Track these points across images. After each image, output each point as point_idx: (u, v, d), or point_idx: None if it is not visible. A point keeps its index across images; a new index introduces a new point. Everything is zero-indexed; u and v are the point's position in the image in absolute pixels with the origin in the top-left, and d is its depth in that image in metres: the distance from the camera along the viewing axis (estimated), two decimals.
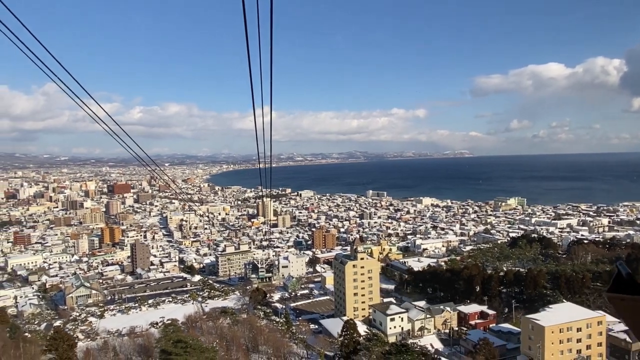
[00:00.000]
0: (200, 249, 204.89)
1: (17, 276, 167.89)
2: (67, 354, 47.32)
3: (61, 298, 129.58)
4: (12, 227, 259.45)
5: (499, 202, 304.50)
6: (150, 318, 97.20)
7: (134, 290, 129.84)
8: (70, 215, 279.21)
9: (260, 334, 73.05)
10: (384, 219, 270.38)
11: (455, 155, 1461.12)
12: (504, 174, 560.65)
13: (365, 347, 43.25)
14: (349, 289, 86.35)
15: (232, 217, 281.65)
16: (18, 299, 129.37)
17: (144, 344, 67.73)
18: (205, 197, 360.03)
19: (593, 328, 60.22)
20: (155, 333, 75.72)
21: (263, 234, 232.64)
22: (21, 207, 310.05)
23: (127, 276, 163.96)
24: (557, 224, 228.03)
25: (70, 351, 48.96)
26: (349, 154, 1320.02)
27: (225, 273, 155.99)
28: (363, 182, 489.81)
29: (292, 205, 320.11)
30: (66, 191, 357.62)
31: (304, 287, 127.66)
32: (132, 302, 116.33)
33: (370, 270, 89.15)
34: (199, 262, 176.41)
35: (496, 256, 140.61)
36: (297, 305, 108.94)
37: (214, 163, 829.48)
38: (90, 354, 64.14)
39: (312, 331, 80.00)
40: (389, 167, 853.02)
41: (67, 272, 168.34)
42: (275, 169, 17.95)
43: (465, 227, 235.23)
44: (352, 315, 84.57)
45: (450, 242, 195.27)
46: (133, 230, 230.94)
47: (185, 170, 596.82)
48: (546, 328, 57.54)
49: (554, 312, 62.51)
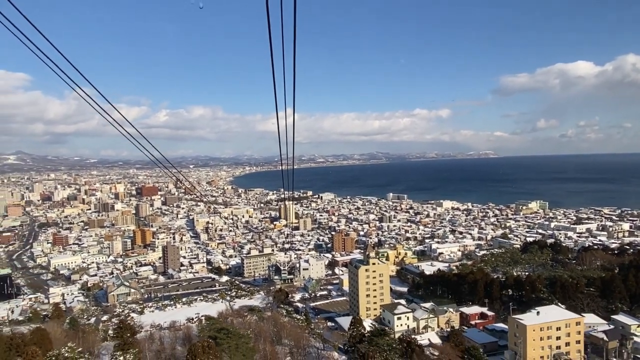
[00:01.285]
0: (225, 250, 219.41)
1: (60, 275, 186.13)
2: (129, 340, 60.69)
3: (103, 295, 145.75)
4: (50, 228, 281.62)
5: (520, 205, 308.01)
6: (186, 314, 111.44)
7: (168, 290, 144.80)
8: (103, 217, 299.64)
9: (283, 329, 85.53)
10: (404, 222, 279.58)
11: (480, 156, 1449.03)
12: (529, 176, 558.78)
13: (368, 339, 54.18)
14: (362, 291, 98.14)
15: (255, 219, 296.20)
16: (65, 296, 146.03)
17: (184, 336, 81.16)
18: (229, 200, 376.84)
19: (572, 328, 69.95)
20: (193, 327, 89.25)
21: (285, 236, 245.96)
22: (56, 209, 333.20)
23: (159, 276, 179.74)
24: (575, 228, 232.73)
25: (132, 338, 62.38)
26: (370, 155, 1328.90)
27: (250, 274, 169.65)
28: (383, 184, 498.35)
29: (313, 208, 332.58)
30: (97, 193, 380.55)
31: (323, 289, 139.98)
32: (167, 300, 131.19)
33: (381, 274, 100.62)
34: (225, 263, 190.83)
35: (507, 261, 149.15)
36: (316, 305, 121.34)
37: (237, 165, 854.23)
38: (140, 343, 77.83)
39: (328, 327, 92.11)
40: (411, 169, 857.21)
41: (105, 271, 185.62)
42: (296, 171, 22.01)
43: (483, 232, 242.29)
44: (364, 315, 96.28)
45: (466, 246, 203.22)
46: (162, 232, 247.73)
47: (209, 172, 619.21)
48: (528, 327, 67.68)
49: (537, 314, 72.54)
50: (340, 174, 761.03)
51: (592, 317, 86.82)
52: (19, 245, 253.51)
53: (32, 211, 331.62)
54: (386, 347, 41.82)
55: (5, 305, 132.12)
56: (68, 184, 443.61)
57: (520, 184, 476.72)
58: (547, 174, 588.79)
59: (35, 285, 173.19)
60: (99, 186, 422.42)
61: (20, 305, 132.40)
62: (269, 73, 8.60)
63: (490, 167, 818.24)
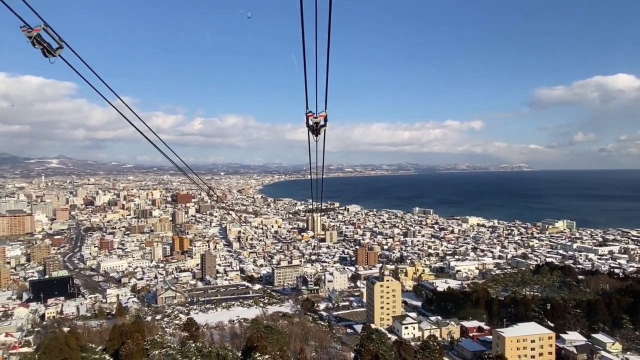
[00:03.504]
0: (257, 259, 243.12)
1: (110, 277, 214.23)
2: (197, 333, 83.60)
3: (152, 298, 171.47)
4: (95, 233, 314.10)
5: (547, 224, 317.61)
6: (226, 317, 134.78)
7: (207, 295, 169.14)
8: (142, 223, 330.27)
9: (309, 332, 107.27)
10: (428, 237, 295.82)
11: (513, 169, 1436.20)
12: (562, 192, 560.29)
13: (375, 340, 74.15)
14: (377, 304, 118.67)
15: (284, 230, 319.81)
16: (120, 297, 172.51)
17: (231, 333, 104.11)
18: (259, 209, 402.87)
19: (544, 341, 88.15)
20: (236, 327, 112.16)
21: (312, 248, 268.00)
22: (99, 214, 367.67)
23: (197, 282, 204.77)
24: (598, 250, 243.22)
25: (197, 332, 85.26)
26: (399, 165, 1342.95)
27: (280, 283, 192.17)
28: (412, 196, 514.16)
29: (339, 220, 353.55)
30: (135, 199, 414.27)
31: (345, 300, 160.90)
32: (209, 304, 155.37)
33: (394, 289, 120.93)
34: (256, 272, 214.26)
35: (518, 282, 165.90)
36: (338, 314, 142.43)
37: (266, 173, 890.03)
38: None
39: (347, 333, 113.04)
40: (440, 181, 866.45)
41: (150, 275, 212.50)
42: (324, 180, 18.55)
43: (505, 250, 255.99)
44: (379, 324, 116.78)
45: (485, 264, 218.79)
46: (199, 240, 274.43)
47: (239, 180, 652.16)
48: (506, 338, 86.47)
49: (518, 328, 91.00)
50: (368, 184, 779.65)
51: (575, 335, 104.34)
52: (68, 247, 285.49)
53: (77, 215, 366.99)
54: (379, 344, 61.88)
55: (72, 303, 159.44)
56: (108, 189, 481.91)
57: (552, 199, 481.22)
58: (581, 190, 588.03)
59: (90, 286, 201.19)
60: (136, 192, 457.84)
61: (84, 304, 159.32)
62: (300, 83, 8.71)
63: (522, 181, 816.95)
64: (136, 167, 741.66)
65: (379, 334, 72.43)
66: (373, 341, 67.10)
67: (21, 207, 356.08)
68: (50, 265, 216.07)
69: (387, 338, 79.46)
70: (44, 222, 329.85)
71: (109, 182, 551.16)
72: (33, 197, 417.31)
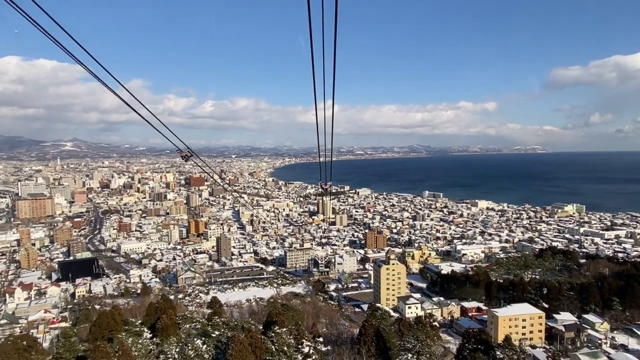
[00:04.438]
0: (269, 242, 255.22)
1: (131, 259, 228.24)
2: (219, 310, 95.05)
3: (172, 278, 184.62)
4: (113, 215, 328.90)
5: (556, 208, 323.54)
6: (244, 296, 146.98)
7: (224, 276, 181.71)
8: (158, 206, 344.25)
9: (320, 310, 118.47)
10: (436, 221, 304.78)
11: (527, 151, 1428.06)
12: (575, 175, 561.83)
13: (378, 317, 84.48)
14: (383, 285, 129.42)
15: (295, 213, 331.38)
16: (142, 277, 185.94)
17: (249, 311, 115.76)
18: (271, 192, 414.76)
19: (535, 320, 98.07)
20: (253, 305, 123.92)
21: (322, 231, 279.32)
22: (115, 197, 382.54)
23: (214, 263, 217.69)
24: (604, 234, 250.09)
25: (220, 309, 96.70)
26: (410, 147, 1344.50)
27: (292, 265, 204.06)
28: (422, 179, 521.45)
29: (349, 204, 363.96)
30: (150, 182, 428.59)
31: (354, 281, 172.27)
32: (226, 285, 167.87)
33: (399, 272, 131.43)
34: (269, 254, 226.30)
35: (520, 265, 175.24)
36: (347, 294, 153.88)
37: (277, 155, 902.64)
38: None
39: (355, 312, 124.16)
40: (452, 163, 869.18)
41: (168, 257, 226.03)
42: (334, 163, 18.64)
43: (512, 234, 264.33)
44: (384, 304, 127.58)
45: (491, 248, 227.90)
46: (213, 223, 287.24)
47: (250, 163, 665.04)
48: (499, 317, 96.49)
49: (511, 309, 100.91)
50: (378, 167, 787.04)
51: (567, 315, 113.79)
52: (88, 230, 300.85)
53: (94, 198, 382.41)
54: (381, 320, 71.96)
55: (99, 282, 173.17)
56: (122, 172, 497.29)
57: (564, 182, 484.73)
58: (595, 173, 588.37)
59: (112, 267, 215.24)
60: (149, 175, 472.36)
61: (110, 284, 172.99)
62: (310, 64, 8.40)
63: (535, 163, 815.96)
64: (149, 150, 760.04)
65: (383, 313, 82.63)
66: (376, 318, 77.54)
67: (40, 190, 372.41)
68: (74, 247, 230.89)
69: (390, 316, 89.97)
70: (63, 205, 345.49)
71: (123, 165, 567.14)
72: (50, 180, 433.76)
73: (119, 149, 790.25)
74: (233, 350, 49.42)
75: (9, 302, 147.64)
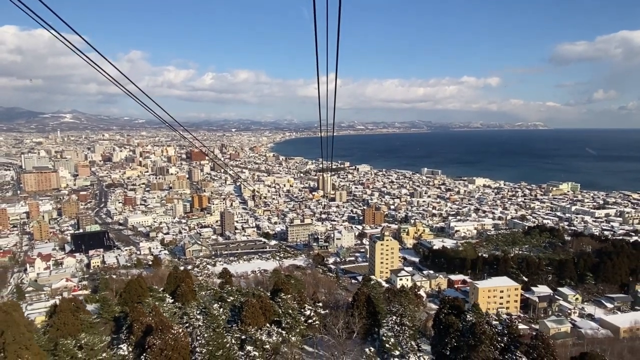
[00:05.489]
0: (271, 217, 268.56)
1: (139, 232, 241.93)
2: (229, 280, 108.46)
3: (180, 250, 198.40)
4: (117, 189, 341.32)
5: (551, 186, 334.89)
6: (249, 268, 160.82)
7: (229, 249, 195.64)
8: (160, 180, 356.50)
9: (320, 282, 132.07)
10: (433, 198, 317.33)
11: (528, 127, 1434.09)
12: (574, 152, 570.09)
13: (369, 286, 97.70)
14: (377, 259, 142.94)
15: (295, 189, 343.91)
16: (151, 249, 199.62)
17: (255, 281, 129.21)
18: (271, 168, 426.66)
19: (511, 292, 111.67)
20: (258, 276, 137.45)
21: (322, 207, 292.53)
22: (118, 170, 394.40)
23: (218, 237, 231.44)
24: (595, 213, 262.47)
25: (230, 280, 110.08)
26: (411, 123, 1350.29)
27: (293, 239, 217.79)
28: (422, 155, 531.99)
29: (349, 180, 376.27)
30: (151, 156, 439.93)
31: (352, 255, 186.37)
32: (231, 257, 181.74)
33: (392, 248, 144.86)
34: (271, 229, 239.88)
35: (508, 242, 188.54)
36: (345, 267, 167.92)
37: (277, 130, 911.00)
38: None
39: (351, 283, 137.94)
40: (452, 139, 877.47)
41: (174, 230, 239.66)
42: (335, 138, 18.46)
43: (505, 212, 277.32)
44: (378, 276, 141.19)
45: (484, 225, 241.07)
46: (216, 198, 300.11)
47: (251, 137, 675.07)
48: (479, 289, 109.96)
49: (491, 281, 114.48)
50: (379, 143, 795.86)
51: (544, 288, 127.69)
52: (94, 203, 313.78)
53: (97, 171, 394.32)
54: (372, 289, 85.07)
55: (111, 254, 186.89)
56: (123, 145, 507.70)
57: (562, 160, 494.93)
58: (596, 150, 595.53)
59: (121, 239, 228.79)
60: (150, 148, 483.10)
61: (122, 255, 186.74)
62: (313, 37, 8.19)
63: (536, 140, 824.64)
64: (148, 123, 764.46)
65: (375, 283, 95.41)
66: (368, 287, 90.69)
67: (44, 163, 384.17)
68: (83, 220, 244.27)
69: (382, 286, 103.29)
70: (67, 178, 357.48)
71: (123, 138, 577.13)
72: (52, 152, 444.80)
73: (118, 122, 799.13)
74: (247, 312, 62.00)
75: (29, 271, 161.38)
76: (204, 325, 56.29)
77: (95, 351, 46.48)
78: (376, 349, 49.62)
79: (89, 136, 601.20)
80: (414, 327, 58.70)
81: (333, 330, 48.05)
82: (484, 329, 44.13)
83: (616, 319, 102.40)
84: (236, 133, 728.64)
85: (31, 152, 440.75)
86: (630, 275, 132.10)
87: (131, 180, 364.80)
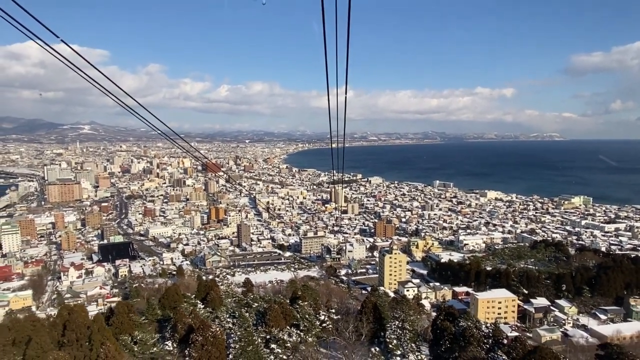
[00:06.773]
0: (285, 229, 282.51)
1: (160, 243, 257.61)
2: (251, 288, 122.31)
3: (200, 261, 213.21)
4: (136, 201, 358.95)
5: (563, 200, 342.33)
6: (266, 278, 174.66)
7: (247, 260, 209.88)
8: (178, 192, 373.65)
9: (332, 292, 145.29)
10: (445, 211, 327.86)
11: (544, 138, 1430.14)
12: (589, 164, 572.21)
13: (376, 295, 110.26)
14: (386, 271, 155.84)
15: (308, 201, 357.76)
16: (173, 260, 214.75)
17: (273, 291, 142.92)
18: (285, 179, 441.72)
19: (508, 303, 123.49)
20: (275, 286, 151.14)
21: (335, 219, 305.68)
22: (136, 182, 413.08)
23: (235, 248, 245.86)
24: (604, 227, 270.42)
25: (251, 290, 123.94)
26: (424, 134, 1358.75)
27: (307, 251, 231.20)
28: (435, 167, 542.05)
29: (361, 192, 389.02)
30: (168, 168, 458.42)
31: (363, 267, 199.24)
32: (249, 268, 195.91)
33: (401, 260, 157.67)
34: (285, 241, 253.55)
35: (514, 256, 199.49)
36: (356, 279, 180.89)
37: (290, 141, 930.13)
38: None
39: (362, 293, 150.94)
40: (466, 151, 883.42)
41: (193, 242, 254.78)
42: (347, 149, 18.92)
43: (515, 225, 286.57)
44: (387, 287, 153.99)
45: (493, 239, 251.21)
46: (232, 210, 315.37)
47: (264, 149, 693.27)
48: (479, 300, 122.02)
49: (491, 293, 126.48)
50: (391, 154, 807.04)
51: (542, 300, 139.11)
52: (115, 214, 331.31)
53: (117, 183, 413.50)
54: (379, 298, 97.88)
55: (137, 264, 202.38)
56: (140, 157, 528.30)
57: (576, 172, 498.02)
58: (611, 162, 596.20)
59: (143, 249, 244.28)
60: (167, 160, 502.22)
61: (147, 265, 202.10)
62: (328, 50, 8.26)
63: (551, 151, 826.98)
64: None
65: (382, 293, 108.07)
66: (375, 296, 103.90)
67: (66, 174, 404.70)
68: (107, 231, 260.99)
69: (389, 296, 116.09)
70: (89, 190, 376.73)
71: (140, 149, 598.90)
72: (72, 163, 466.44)
73: (135, 133, 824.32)
74: (270, 316, 75.64)
75: (63, 279, 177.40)
76: (235, 325, 70.02)
77: (148, 346, 61.29)
78: (381, 349, 62.59)
79: (107, 147, 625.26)
80: (413, 331, 71.22)
81: (344, 333, 60.31)
82: (472, 333, 57.22)
83: (605, 328, 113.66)
84: (250, 144, 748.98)
85: (52, 163, 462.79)
86: (625, 289, 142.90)
87: (150, 191, 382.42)
